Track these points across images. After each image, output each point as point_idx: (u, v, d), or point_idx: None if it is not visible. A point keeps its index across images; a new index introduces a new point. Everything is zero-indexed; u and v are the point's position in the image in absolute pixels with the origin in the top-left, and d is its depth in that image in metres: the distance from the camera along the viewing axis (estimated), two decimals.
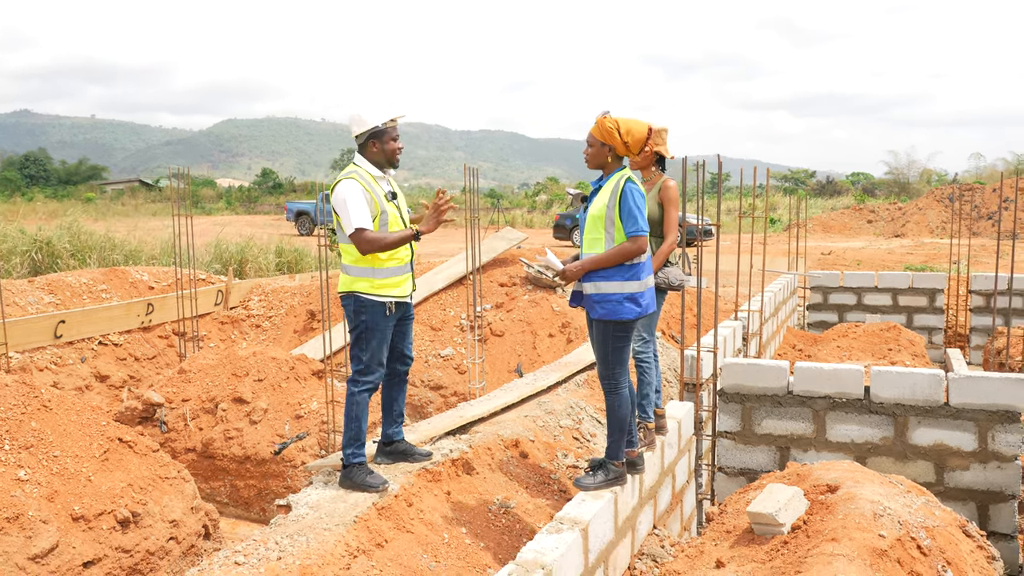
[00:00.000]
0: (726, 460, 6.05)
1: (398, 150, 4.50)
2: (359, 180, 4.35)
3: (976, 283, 12.23)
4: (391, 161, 4.50)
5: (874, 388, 5.62)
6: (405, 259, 4.48)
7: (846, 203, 48.10)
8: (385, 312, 4.39)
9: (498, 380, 8.86)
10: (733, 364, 5.99)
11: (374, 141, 4.44)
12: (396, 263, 4.42)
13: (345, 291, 4.43)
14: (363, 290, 4.37)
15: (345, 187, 4.32)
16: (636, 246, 4.08)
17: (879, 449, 5.63)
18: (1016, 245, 7.94)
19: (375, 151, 4.45)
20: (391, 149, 4.46)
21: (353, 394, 4.46)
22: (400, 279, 4.46)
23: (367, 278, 4.37)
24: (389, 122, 4.45)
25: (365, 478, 4.39)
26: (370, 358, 4.43)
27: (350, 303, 4.42)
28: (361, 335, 4.41)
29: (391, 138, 4.46)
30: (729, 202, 44.35)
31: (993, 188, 38.04)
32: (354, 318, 4.42)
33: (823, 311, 12.78)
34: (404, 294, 4.49)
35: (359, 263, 4.37)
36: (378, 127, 4.42)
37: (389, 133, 4.45)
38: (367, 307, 4.38)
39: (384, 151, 4.45)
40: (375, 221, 4.34)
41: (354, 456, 4.43)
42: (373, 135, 4.43)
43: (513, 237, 10.44)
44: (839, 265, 22.83)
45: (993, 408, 5.36)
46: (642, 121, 4.20)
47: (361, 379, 4.44)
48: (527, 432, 5.85)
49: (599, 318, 4.20)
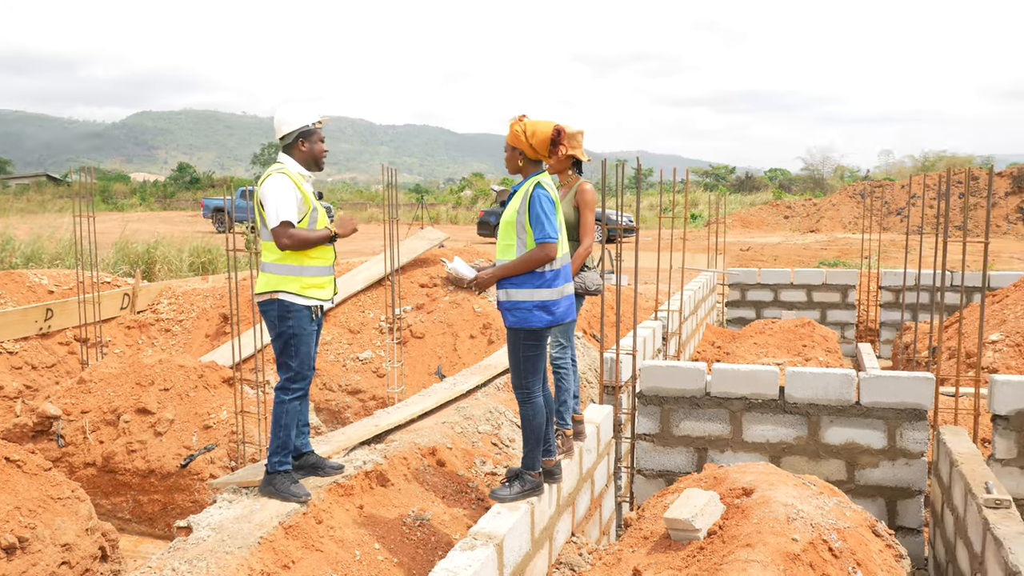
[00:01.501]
0: (645, 462, 6.05)
1: (324, 152, 4.42)
2: (290, 176, 4.22)
3: (886, 279, 12.63)
4: (317, 162, 4.40)
5: (788, 388, 5.69)
6: (330, 259, 4.36)
7: (764, 199, 49.41)
8: (311, 316, 4.24)
9: (418, 383, 8.70)
10: (652, 367, 5.98)
11: (303, 140, 4.32)
12: (322, 262, 4.29)
13: (267, 293, 4.22)
14: (291, 290, 4.19)
15: (276, 180, 4.19)
16: (544, 253, 3.99)
17: (793, 448, 5.70)
18: (923, 241, 8.18)
19: (303, 150, 4.34)
20: (318, 150, 4.37)
21: (284, 402, 4.28)
22: (325, 280, 4.33)
23: (294, 277, 4.20)
24: (317, 122, 4.37)
25: (290, 487, 4.23)
26: (300, 364, 4.26)
27: (273, 308, 4.22)
28: (288, 342, 4.23)
29: (319, 138, 4.38)
30: (652, 198, 45.02)
31: (902, 185, 39.61)
32: (278, 324, 4.23)
33: (741, 307, 13.01)
34: (328, 297, 4.35)
35: (285, 260, 4.20)
36: (308, 126, 4.32)
37: (317, 133, 4.37)
38: (293, 312, 4.20)
39: (312, 151, 4.35)
40: (305, 219, 4.23)
41: (281, 464, 4.26)
42: (303, 134, 4.32)
43: (434, 237, 10.28)
44: (757, 260, 23.38)
45: (901, 406, 5.48)
46: (548, 122, 4.12)
47: (292, 386, 4.28)
48: (445, 439, 5.73)
49: (511, 326, 4.10)
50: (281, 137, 4.33)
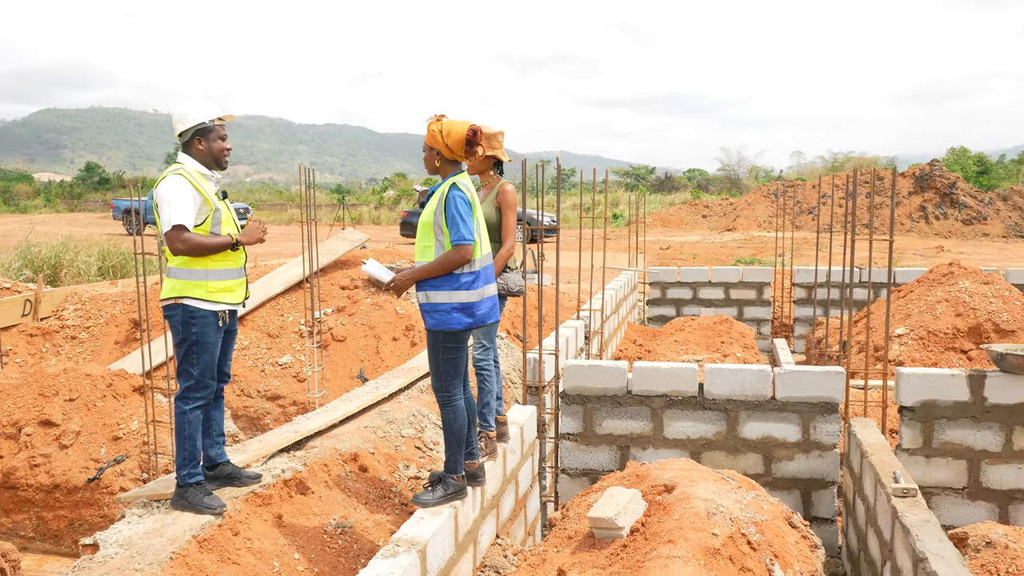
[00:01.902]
0: (569, 461, 6.07)
1: (226, 150, 4.24)
2: (187, 176, 4.06)
3: (798, 277, 13.04)
4: (218, 161, 4.22)
5: (708, 385, 5.79)
6: (240, 262, 4.21)
7: (683, 198, 50.47)
8: (218, 323, 4.09)
9: (340, 387, 8.55)
10: (574, 366, 6.01)
11: (200, 138, 4.15)
12: (230, 265, 4.14)
13: (172, 299, 4.06)
14: (197, 296, 4.04)
15: (170, 182, 4.01)
16: (460, 255, 3.96)
17: (713, 444, 5.81)
18: (832, 239, 8.47)
19: (201, 149, 4.16)
20: (218, 148, 4.18)
21: (184, 412, 4.12)
22: (234, 283, 4.17)
23: (200, 282, 4.05)
24: (216, 120, 4.19)
25: (203, 499, 4.07)
26: (201, 372, 4.10)
27: (177, 313, 4.06)
28: (191, 348, 4.07)
29: (219, 136, 4.18)
30: (573, 198, 45.46)
31: (813, 185, 41.00)
32: (182, 330, 4.07)
33: (662, 305, 13.24)
34: (237, 301, 4.20)
35: (190, 264, 4.04)
36: (204, 123, 4.14)
37: (217, 131, 4.18)
38: (198, 318, 4.05)
39: (211, 150, 4.17)
40: (207, 220, 4.07)
41: (190, 476, 4.11)
42: (199, 132, 4.14)
43: (355, 238, 10.12)
44: (677, 259, 23.85)
45: (814, 400, 5.64)
46: (464, 122, 4.08)
47: (192, 395, 4.12)
48: (367, 444, 5.63)
49: (430, 328, 4.05)
50: (179, 135, 4.17)
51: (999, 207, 37.48)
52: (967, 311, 8.88)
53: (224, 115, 4.21)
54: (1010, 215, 37.17)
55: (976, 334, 8.69)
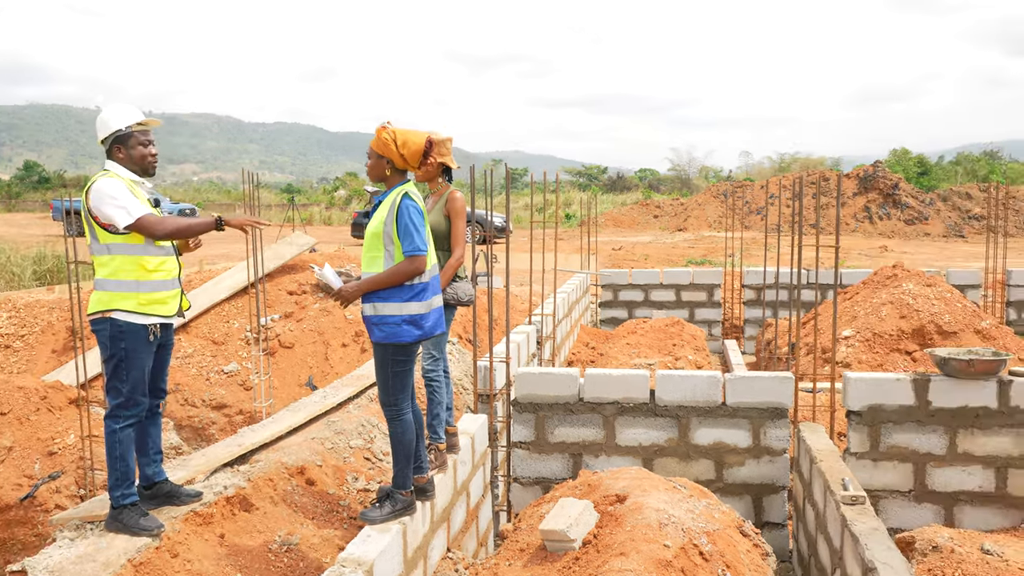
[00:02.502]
0: (521, 470, 6.01)
1: (150, 156, 4.08)
2: (118, 179, 3.92)
3: (748, 278, 13.18)
4: (144, 169, 4.07)
5: (659, 392, 5.78)
6: (173, 272, 4.04)
7: (635, 198, 50.84)
8: (148, 337, 3.92)
9: (288, 396, 8.36)
10: (526, 374, 5.95)
11: (119, 146, 4.00)
12: (164, 275, 3.98)
13: (99, 312, 3.88)
14: (126, 308, 3.86)
15: (106, 183, 3.87)
16: (413, 266, 3.87)
17: (665, 451, 5.80)
18: (780, 240, 8.55)
19: (121, 157, 4.02)
20: (139, 155, 4.03)
21: (114, 431, 3.94)
22: (168, 295, 4.00)
23: (130, 294, 3.87)
24: (136, 125, 4.03)
25: (139, 520, 3.90)
26: (131, 389, 3.93)
27: (105, 328, 3.88)
28: (120, 365, 3.90)
29: (139, 143, 4.02)
30: (525, 198, 45.48)
31: (761, 185, 41.65)
32: (110, 345, 3.90)
33: (614, 308, 13.27)
34: (170, 313, 4.02)
35: (119, 275, 3.86)
36: (121, 131, 3.99)
37: (136, 137, 4.02)
38: (127, 333, 3.88)
39: (131, 157, 4.02)
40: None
41: (124, 497, 3.93)
42: (117, 139, 4.00)
43: (303, 242, 9.93)
44: (629, 259, 23.98)
45: (764, 406, 5.67)
46: (421, 132, 4.00)
47: (122, 414, 3.94)
48: (314, 456, 5.49)
49: (378, 341, 3.95)
50: (101, 142, 4.02)
51: (939, 207, 38.52)
52: (911, 313, 9.05)
53: (145, 121, 4.05)
54: (949, 215, 38.22)
55: (920, 335, 8.86)
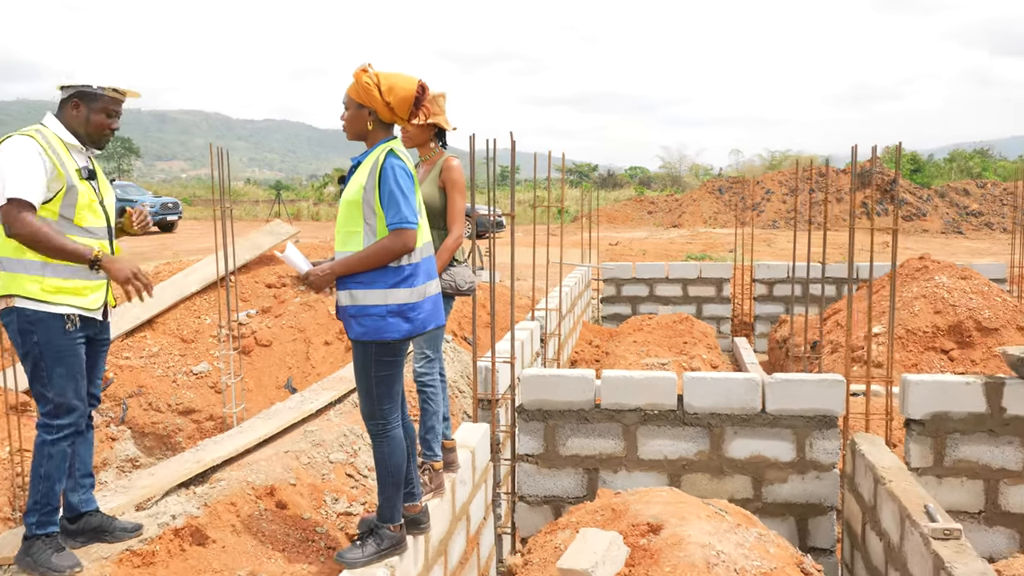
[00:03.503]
0: (528, 487, 5.21)
1: (108, 128, 3.31)
2: (39, 141, 3.11)
3: (759, 272, 12.43)
4: (92, 137, 3.30)
5: (688, 397, 5.00)
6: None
7: (627, 195, 50.14)
8: (64, 327, 3.11)
9: (265, 399, 7.54)
10: (533, 376, 5.16)
11: (78, 102, 3.23)
12: None
13: (2, 298, 3.11)
14: (30, 294, 3.08)
15: (13, 144, 3.07)
16: (401, 242, 3.07)
17: (695, 465, 5.02)
18: (782, 234, 7.80)
19: (75, 115, 3.24)
20: (98, 123, 3.27)
21: (45, 443, 3.16)
22: (87, 285, 3.19)
23: (35, 276, 3.09)
24: (110, 90, 3.26)
25: (51, 558, 3.11)
26: (59, 393, 3.14)
27: (11, 319, 3.12)
28: (39, 364, 3.12)
29: (104, 109, 3.26)
30: (520, 193, 44.71)
31: (757, 181, 41.02)
32: (22, 341, 3.13)
33: (617, 303, 12.50)
34: (94, 307, 3.22)
35: (24, 252, 3.07)
36: (92, 88, 3.22)
37: (104, 102, 3.25)
38: (36, 323, 3.09)
39: (89, 121, 3.25)
40: (57, 198, 3.11)
41: (41, 526, 3.14)
42: (81, 94, 3.23)
43: (282, 232, 9.11)
44: (627, 255, 23.23)
45: (811, 413, 4.90)
46: (409, 76, 3.20)
47: (53, 423, 3.16)
48: (288, 474, 4.68)
49: (358, 338, 3.15)
50: (60, 88, 3.24)
51: (937, 204, 37.99)
52: (946, 308, 8.31)
53: (125, 89, 3.30)
54: (947, 211, 37.69)
55: (957, 332, 8.12)
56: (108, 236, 3.31)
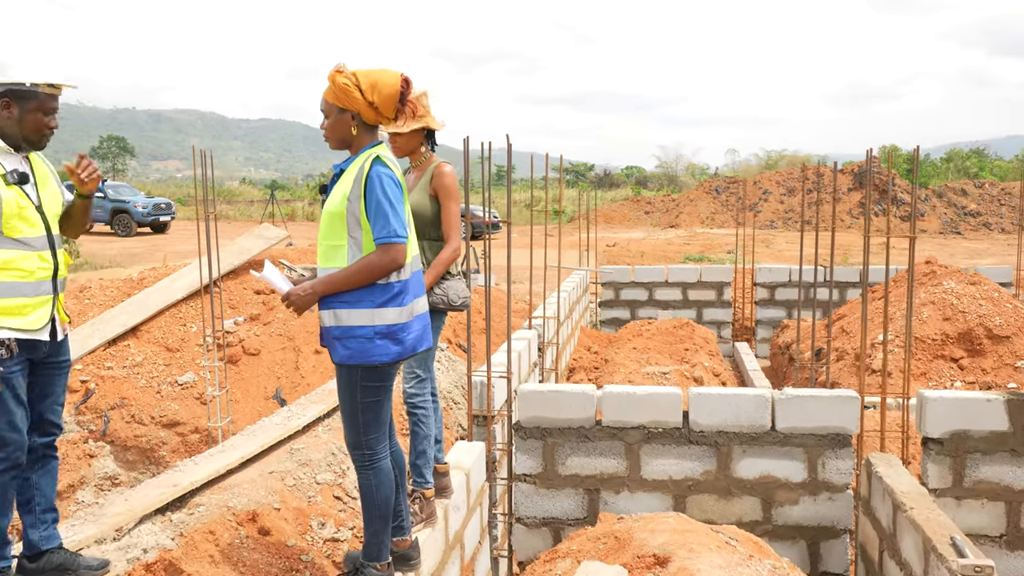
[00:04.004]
0: (526, 509, 4.96)
1: (46, 128, 3.04)
2: None
3: (760, 275, 12.18)
4: (31, 140, 3.03)
5: (694, 414, 4.75)
6: (36, 273, 2.94)
7: (624, 195, 49.92)
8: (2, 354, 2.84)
9: (253, 410, 7.28)
10: (531, 392, 4.90)
11: (9, 101, 2.95)
12: (18, 275, 2.89)
13: None
14: None
15: None
16: (389, 258, 2.82)
17: (701, 486, 4.77)
18: (780, 234, 7.54)
19: (7, 115, 2.96)
20: (34, 122, 3.00)
21: None
22: (25, 303, 2.91)
23: None
24: (46, 87, 2.99)
25: None
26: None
27: None
28: None
29: (41, 108, 3.00)
30: (515, 194, 44.44)
31: (754, 181, 40.81)
32: None
33: (616, 307, 12.24)
34: (35, 327, 2.93)
35: None
36: (24, 86, 2.95)
37: (40, 100, 2.99)
38: None
39: (24, 122, 2.98)
40: None
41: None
42: (14, 93, 2.96)
43: (272, 236, 8.84)
44: (624, 256, 23.00)
45: (823, 431, 4.65)
46: (391, 71, 2.94)
47: None
48: (272, 497, 4.42)
49: (343, 362, 2.90)
50: None
51: (935, 204, 37.82)
52: (956, 315, 8.07)
53: (59, 83, 3.03)
54: (945, 212, 37.54)
55: (967, 340, 7.88)
56: (49, 246, 3.01)
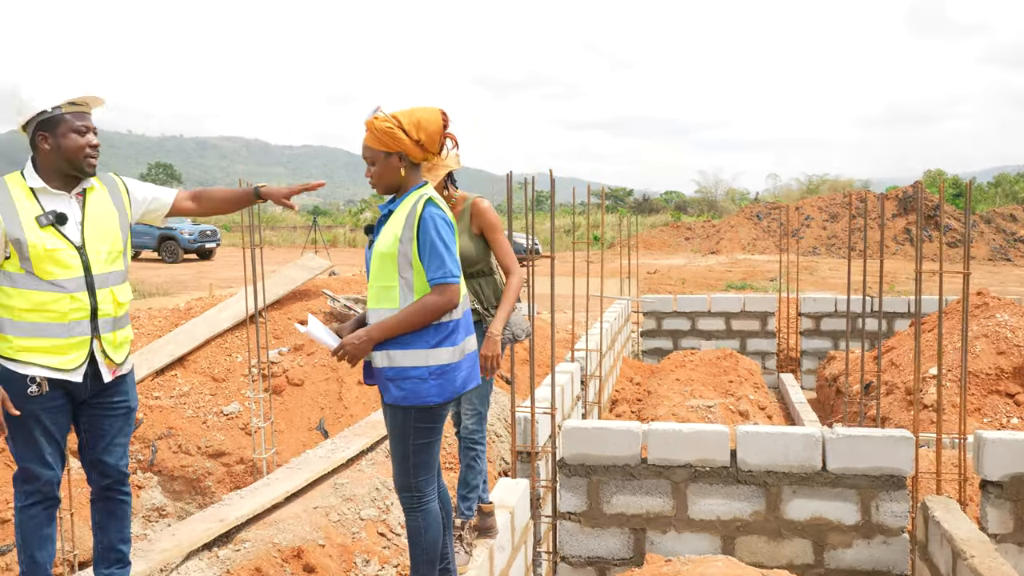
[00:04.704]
0: (571, 547, 4.90)
1: (86, 147, 2.93)
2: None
3: (806, 305, 11.99)
4: (76, 165, 2.93)
5: (741, 453, 4.66)
6: (68, 315, 2.88)
7: (663, 220, 49.68)
8: (26, 389, 2.84)
9: (296, 441, 7.32)
10: (575, 429, 4.86)
11: (43, 134, 2.89)
12: (49, 317, 2.86)
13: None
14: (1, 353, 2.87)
15: None
16: (445, 299, 2.82)
17: (750, 527, 4.67)
18: (823, 261, 7.41)
19: (46, 149, 2.90)
20: (72, 146, 2.90)
21: (18, 509, 2.97)
22: (58, 343, 2.87)
23: (4, 336, 2.86)
24: (68, 105, 2.90)
25: None
26: (20, 457, 2.92)
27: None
28: (4, 422, 2.87)
29: (72, 129, 2.90)
30: (556, 220, 44.44)
31: (796, 206, 40.34)
32: None
33: (658, 337, 12.13)
34: (68, 367, 2.89)
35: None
36: (47, 112, 2.88)
37: (68, 122, 2.90)
38: (5, 383, 2.85)
39: (61, 149, 2.89)
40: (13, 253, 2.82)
41: None
42: (42, 124, 2.89)
43: (315, 266, 8.94)
44: (665, 283, 22.83)
45: (876, 472, 4.53)
46: (429, 108, 2.96)
47: (21, 488, 2.96)
48: (316, 533, 4.43)
49: (395, 403, 2.90)
50: (22, 129, 2.95)
51: (983, 230, 37.00)
52: (1010, 348, 7.85)
53: (80, 97, 2.93)
54: (994, 238, 36.70)
55: (1023, 375, 7.65)
56: (87, 286, 2.91)
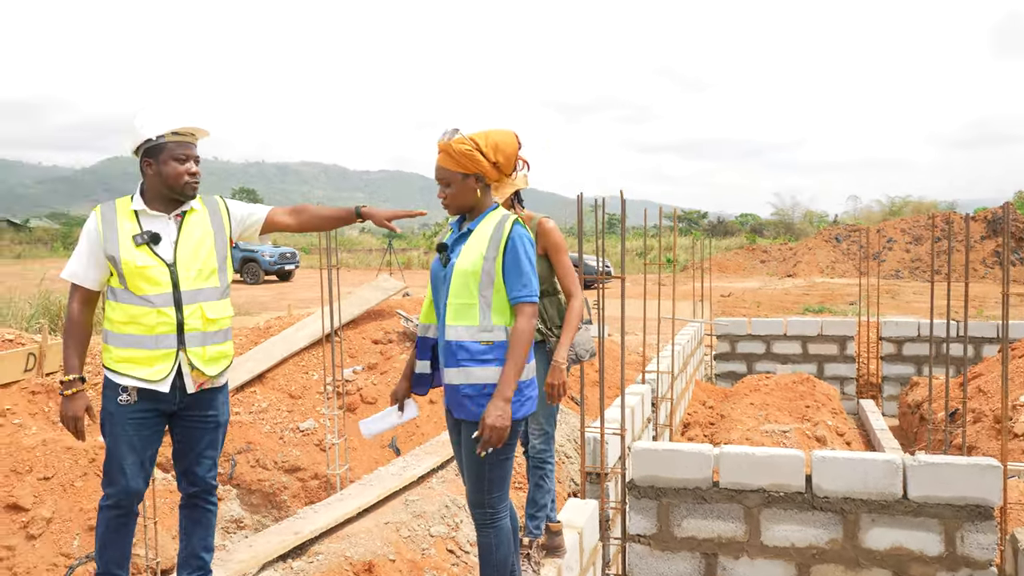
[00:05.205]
0: (640, 571, 4.84)
1: (185, 175, 3.11)
2: (98, 214, 3.13)
3: (887, 329, 11.62)
4: (176, 190, 3.12)
5: (817, 479, 4.54)
6: (155, 328, 3.03)
7: (738, 243, 48.90)
8: (117, 398, 3.04)
9: (369, 458, 7.45)
10: (645, 451, 4.82)
11: (148, 160, 3.12)
12: (139, 329, 3.03)
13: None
14: (105, 361, 3.10)
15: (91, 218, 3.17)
16: (529, 320, 2.88)
17: (826, 555, 4.54)
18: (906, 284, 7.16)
19: (151, 174, 3.12)
20: (172, 173, 3.09)
21: (99, 509, 3.19)
22: (147, 355, 3.04)
23: (107, 345, 3.10)
24: (171, 135, 3.10)
25: None
26: (107, 460, 3.10)
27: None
28: (103, 425, 3.11)
29: (173, 157, 3.09)
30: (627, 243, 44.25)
31: (877, 229, 39.18)
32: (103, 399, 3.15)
33: (731, 361, 11.92)
34: (155, 378, 3.04)
35: (103, 321, 3.13)
36: (152, 141, 3.10)
37: (170, 150, 3.09)
38: (106, 390, 3.10)
39: (162, 175, 3.09)
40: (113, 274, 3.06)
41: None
42: (148, 151, 3.12)
43: (389, 287, 9.12)
44: (739, 307, 22.44)
45: (961, 502, 4.36)
46: (504, 131, 3.02)
47: (104, 489, 3.15)
48: (387, 548, 4.50)
49: (474, 420, 2.93)
50: (135, 153, 3.19)
51: None
52: None
53: (184, 128, 3.13)
54: None
55: None
56: (175, 302, 3.06)
